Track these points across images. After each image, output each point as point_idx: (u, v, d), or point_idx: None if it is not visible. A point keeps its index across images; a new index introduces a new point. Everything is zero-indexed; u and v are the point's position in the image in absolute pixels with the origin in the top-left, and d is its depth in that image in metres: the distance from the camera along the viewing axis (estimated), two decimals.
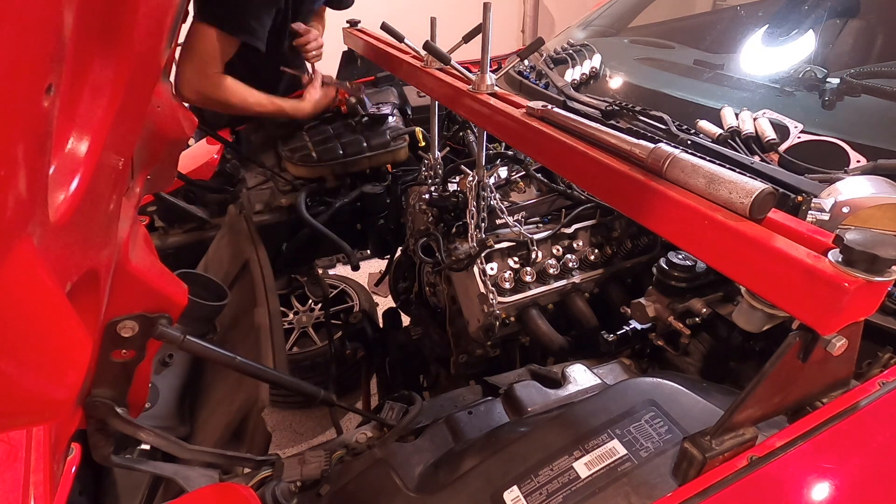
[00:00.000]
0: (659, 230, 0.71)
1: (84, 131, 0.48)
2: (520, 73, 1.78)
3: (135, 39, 0.50)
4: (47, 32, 0.35)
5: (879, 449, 0.64)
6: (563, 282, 1.28)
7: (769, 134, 1.16)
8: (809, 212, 0.87)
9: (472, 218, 1.27)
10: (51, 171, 0.44)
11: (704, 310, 0.98)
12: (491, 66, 1.10)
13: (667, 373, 1.00)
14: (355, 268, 1.70)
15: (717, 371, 1.03)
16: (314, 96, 1.79)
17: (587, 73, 1.66)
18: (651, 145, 0.72)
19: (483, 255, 1.25)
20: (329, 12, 2.10)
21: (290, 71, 1.79)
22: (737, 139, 1.18)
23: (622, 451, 0.71)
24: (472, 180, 1.26)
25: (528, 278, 1.26)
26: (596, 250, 1.34)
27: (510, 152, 1.46)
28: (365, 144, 1.83)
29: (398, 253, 2.10)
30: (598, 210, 1.39)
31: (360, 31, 1.80)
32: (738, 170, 0.70)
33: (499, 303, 1.22)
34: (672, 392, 0.79)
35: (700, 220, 0.63)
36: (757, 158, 1.10)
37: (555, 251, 1.32)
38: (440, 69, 1.27)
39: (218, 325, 1.37)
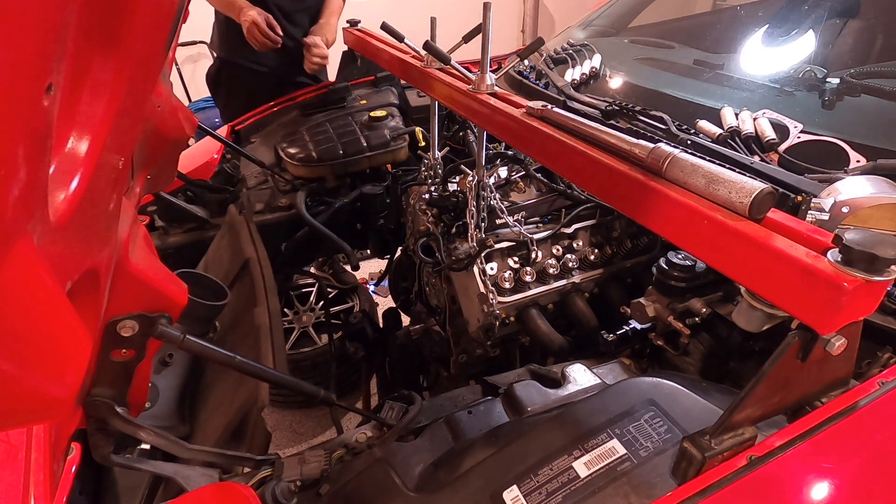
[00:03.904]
0: (659, 230, 0.71)
1: (84, 131, 0.49)
2: (520, 73, 1.78)
3: (135, 39, 0.51)
4: (47, 32, 0.35)
5: (879, 449, 0.64)
6: (563, 282, 1.28)
7: (769, 134, 1.16)
8: (809, 212, 0.87)
9: (472, 218, 1.27)
10: (51, 170, 0.44)
11: (704, 310, 0.98)
12: (491, 66, 1.10)
13: (666, 373, 1.00)
14: (355, 268, 1.70)
15: (716, 371, 1.03)
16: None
17: (587, 73, 1.66)
18: (651, 145, 0.72)
19: (483, 254, 1.25)
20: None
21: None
22: (737, 139, 1.18)
23: (622, 450, 0.71)
24: (472, 180, 1.26)
25: (528, 278, 1.26)
26: (596, 250, 1.34)
27: (510, 152, 1.46)
28: (365, 144, 1.83)
29: (398, 253, 2.10)
30: (598, 210, 1.39)
31: (360, 31, 1.80)
32: (737, 170, 0.70)
33: (499, 303, 1.22)
34: (672, 392, 0.79)
35: (699, 219, 0.63)
36: (757, 158, 1.10)
37: (555, 251, 1.32)
38: (440, 69, 1.27)
39: (218, 325, 1.37)
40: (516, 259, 1.30)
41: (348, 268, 1.76)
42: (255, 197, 1.85)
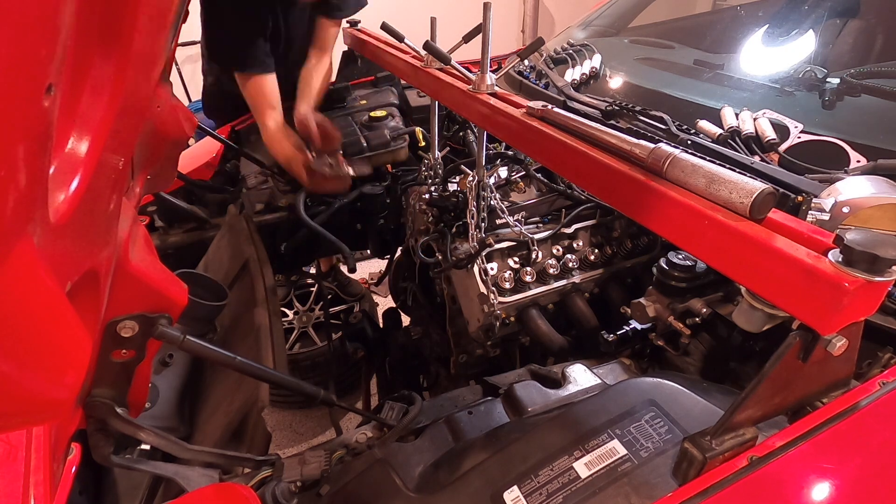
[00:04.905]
0: (659, 230, 0.71)
1: (84, 131, 0.48)
2: (520, 73, 1.78)
3: (135, 39, 0.50)
4: (47, 32, 0.35)
5: (879, 449, 0.64)
6: (563, 282, 1.28)
7: (769, 134, 1.16)
8: (809, 212, 0.87)
9: (473, 218, 1.27)
10: (51, 171, 0.44)
11: (704, 310, 0.98)
12: (491, 66, 1.10)
13: (667, 373, 1.00)
14: (352, 270, 1.70)
15: (717, 371, 1.03)
16: (284, 144, 1.65)
17: (587, 73, 1.66)
18: (651, 145, 0.72)
19: (483, 254, 1.25)
20: None
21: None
22: (737, 139, 1.18)
23: (622, 451, 0.71)
24: (472, 180, 1.26)
25: (528, 278, 1.26)
26: (596, 250, 1.34)
27: (510, 152, 1.46)
28: (365, 144, 1.83)
29: (398, 253, 2.10)
30: (598, 210, 1.39)
31: (360, 31, 1.80)
32: (738, 170, 0.70)
33: (499, 303, 1.22)
34: (672, 392, 0.79)
35: (700, 220, 0.63)
36: (757, 158, 1.10)
37: (555, 251, 1.32)
38: (440, 69, 1.27)
39: (218, 325, 1.37)
40: (516, 259, 1.30)
41: (347, 270, 1.76)
42: (255, 197, 1.85)
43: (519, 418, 0.90)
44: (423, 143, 1.90)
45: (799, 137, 1.14)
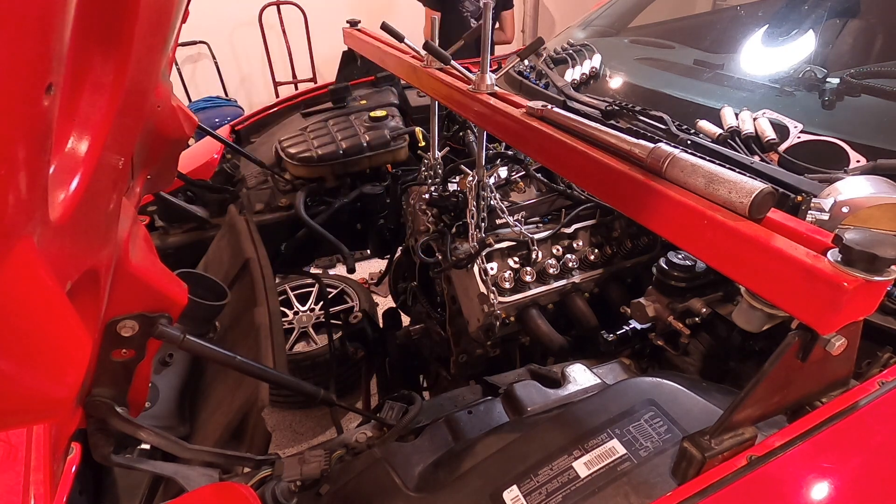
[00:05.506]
0: (658, 230, 0.71)
1: (84, 131, 0.49)
2: (520, 73, 1.78)
3: (135, 39, 0.50)
4: (47, 32, 0.35)
5: (879, 448, 0.64)
6: (563, 282, 1.28)
7: (769, 134, 1.16)
8: (809, 212, 0.87)
9: (472, 218, 1.27)
10: (51, 170, 0.44)
11: (704, 310, 0.98)
12: (491, 66, 1.10)
13: (666, 373, 1.00)
14: (351, 270, 1.71)
15: (716, 371, 1.03)
16: None
17: (587, 73, 1.66)
18: (651, 145, 0.72)
19: (483, 254, 1.25)
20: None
21: None
22: (737, 139, 1.18)
23: (622, 450, 0.71)
24: (472, 180, 1.26)
25: (528, 278, 1.26)
26: (596, 250, 1.34)
27: (510, 152, 1.46)
28: (365, 144, 1.83)
29: (398, 253, 2.10)
30: (598, 210, 1.39)
31: (360, 31, 1.80)
32: (737, 170, 0.70)
33: (499, 303, 1.22)
34: (672, 392, 0.79)
35: (699, 219, 0.63)
36: (757, 158, 1.10)
37: (555, 251, 1.32)
38: (440, 69, 1.27)
39: (218, 325, 1.37)
40: (516, 259, 1.30)
41: (346, 270, 1.76)
42: (255, 197, 1.85)
43: (519, 418, 0.90)
44: (423, 143, 1.90)
45: (799, 137, 1.14)
